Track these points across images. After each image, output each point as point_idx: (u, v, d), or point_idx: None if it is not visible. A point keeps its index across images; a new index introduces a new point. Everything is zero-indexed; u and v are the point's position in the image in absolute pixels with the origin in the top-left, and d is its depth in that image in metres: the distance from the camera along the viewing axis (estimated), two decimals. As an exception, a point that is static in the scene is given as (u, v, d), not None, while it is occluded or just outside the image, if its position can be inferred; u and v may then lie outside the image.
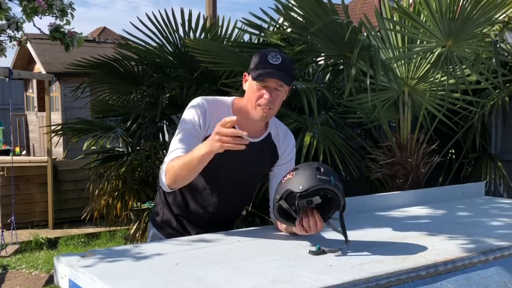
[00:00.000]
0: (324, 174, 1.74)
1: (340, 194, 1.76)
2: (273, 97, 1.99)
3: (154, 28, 4.37)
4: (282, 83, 1.99)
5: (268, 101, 1.98)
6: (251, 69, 2.01)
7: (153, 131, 4.81)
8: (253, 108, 2.01)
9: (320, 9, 3.47)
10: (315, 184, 1.71)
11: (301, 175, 1.75)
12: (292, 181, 1.76)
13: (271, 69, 1.96)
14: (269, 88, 1.98)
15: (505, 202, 2.85)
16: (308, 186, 1.71)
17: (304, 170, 1.77)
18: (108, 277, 1.49)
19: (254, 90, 2.00)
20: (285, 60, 2.00)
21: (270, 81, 1.97)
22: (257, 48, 4.08)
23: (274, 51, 2.03)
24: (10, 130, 11.07)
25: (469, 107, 3.77)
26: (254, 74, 1.98)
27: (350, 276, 1.48)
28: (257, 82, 1.98)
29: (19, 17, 3.71)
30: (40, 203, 7.28)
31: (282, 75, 1.97)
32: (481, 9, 3.35)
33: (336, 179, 1.77)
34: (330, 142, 3.59)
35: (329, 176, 1.75)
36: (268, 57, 1.97)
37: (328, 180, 1.73)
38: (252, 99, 2.01)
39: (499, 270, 1.70)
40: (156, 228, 2.33)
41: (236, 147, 1.71)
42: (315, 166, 1.77)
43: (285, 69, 1.98)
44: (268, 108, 1.99)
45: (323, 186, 1.73)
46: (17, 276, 5.56)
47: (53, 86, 10.46)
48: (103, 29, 13.97)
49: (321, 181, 1.72)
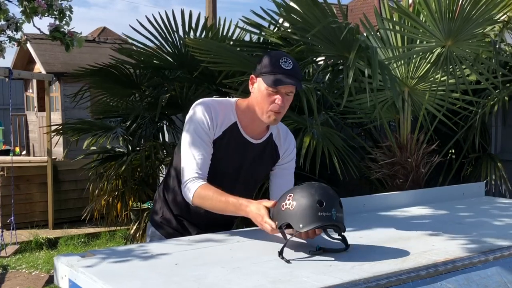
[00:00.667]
0: (326, 209, 1.67)
1: (341, 225, 1.72)
2: (284, 102, 1.99)
3: (154, 30, 4.36)
4: (294, 89, 1.99)
5: (280, 107, 1.98)
6: (263, 73, 1.98)
7: (153, 131, 4.81)
8: (264, 112, 2.01)
9: (318, 10, 3.47)
10: (316, 224, 1.66)
11: (301, 210, 1.68)
12: (292, 215, 1.69)
13: (285, 75, 1.94)
14: (281, 94, 1.97)
15: (505, 202, 2.85)
16: (309, 227, 1.67)
17: (305, 203, 1.68)
18: (108, 277, 1.49)
19: (265, 95, 1.98)
20: (295, 65, 1.99)
21: (283, 87, 1.96)
22: (257, 48, 4.08)
23: (285, 54, 2.02)
24: (10, 130, 11.07)
25: (469, 107, 3.77)
26: (268, 80, 1.95)
27: (350, 276, 1.48)
28: (271, 88, 1.96)
29: (19, 17, 3.71)
30: (40, 203, 7.28)
31: (296, 81, 1.97)
32: (481, 9, 3.34)
33: (337, 209, 1.71)
34: (330, 143, 3.59)
35: (330, 210, 1.68)
36: (281, 61, 1.96)
37: (330, 216, 1.67)
38: (262, 103, 2.00)
39: (499, 270, 1.70)
40: (155, 227, 2.33)
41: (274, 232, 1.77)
42: (317, 198, 1.68)
43: (297, 74, 1.98)
44: (278, 112, 2.00)
45: (324, 225, 1.69)
46: (17, 276, 5.56)
47: (53, 86, 10.45)
48: (103, 29, 13.97)
49: (323, 219, 1.66)
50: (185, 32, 4.44)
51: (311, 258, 1.67)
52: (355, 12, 13.54)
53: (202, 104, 2.07)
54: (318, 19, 3.45)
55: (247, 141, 2.11)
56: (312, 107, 3.52)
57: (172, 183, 2.24)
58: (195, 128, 2.04)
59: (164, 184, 2.34)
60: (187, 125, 2.08)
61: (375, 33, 3.97)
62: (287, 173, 2.21)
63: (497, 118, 4.35)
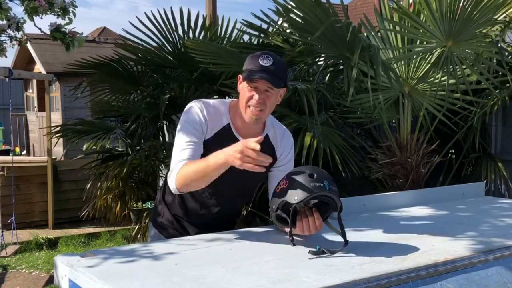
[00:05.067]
0: (318, 180, 1.72)
1: (335, 197, 1.75)
2: (262, 98, 1.96)
3: (154, 28, 4.37)
4: (272, 85, 1.96)
5: (257, 102, 1.95)
6: (243, 71, 1.99)
7: (153, 131, 4.81)
8: (244, 110, 2.00)
9: (319, 10, 3.47)
10: (310, 194, 1.71)
11: (294, 185, 1.74)
12: (286, 191, 1.75)
13: (262, 71, 1.93)
14: (259, 90, 1.96)
15: (505, 202, 2.85)
16: (303, 197, 1.71)
17: (297, 178, 1.75)
18: (108, 277, 1.49)
19: (245, 91, 1.98)
20: (277, 62, 1.96)
21: (259, 82, 1.95)
22: (256, 49, 4.08)
23: (267, 53, 2.00)
24: (10, 130, 11.07)
25: (469, 107, 3.77)
26: (244, 75, 1.97)
27: (350, 276, 1.48)
28: (247, 83, 1.96)
29: (20, 17, 3.72)
30: (40, 203, 7.28)
31: (273, 77, 1.94)
32: (482, 10, 3.34)
33: (330, 182, 1.76)
34: (330, 142, 3.59)
35: (322, 181, 1.73)
36: (260, 58, 1.95)
37: (322, 186, 1.72)
38: (242, 100, 2.00)
39: (499, 270, 1.70)
40: (157, 228, 2.33)
41: (255, 168, 1.69)
42: (308, 172, 1.74)
43: (275, 71, 1.95)
44: (258, 109, 1.97)
45: (318, 194, 1.72)
46: (17, 276, 5.56)
47: (53, 86, 10.45)
48: (103, 29, 13.98)
49: (316, 189, 1.71)
50: (185, 31, 4.44)
51: (311, 258, 1.67)
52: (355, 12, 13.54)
53: (197, 103, 2.08)
54: (320, 19, 3.45)
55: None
56: (312, 107, 3.52)
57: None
58: (186, 125, 2.04)
59: (164, 186, 2.34)
60: (179, 124, 2.08)
61: (375, 33, 3.97)
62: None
63: (497, 118, 4.35)
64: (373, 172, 3.75)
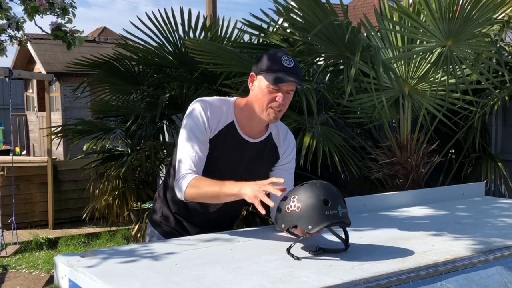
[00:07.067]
0: (332, 208, 1.69)
1: (347, 220, 1.74)
2: (285, 100, 2.00)
3: (154, 27, 4.37)
4: (294, 87, 2.00)
5: (280, 104, 1.99)
6: (264, 71, 1.98)
7: (153, 131, 4.81)
8: (263, 110, 2.01)
9: (319, 9, 3.47)
10: (325, 224, 1.68)
11: (309, 211, 1.70)
12: (299, 217, 1.71)
13: (287, 73, 1.95)
14: (282, 91, 1.98)
15: (505, 202, 2.85)
16: (318, 227, 1.68)
17: (311, 204, 1.70)
18: (108, 277, 1.49)
19: (266, 93, 1.99)
20: (296, 63, 2.01)
21: (284, 85, 1.97)
22: (257, 49, 4.08)
23: (285, 53, 2.03)
24: (10, 130, 11.08)
25: (469, 107, 3.77)
26: (270, 78, 1.96)
27: (350, 276, 1.48)
28: (272, 86, 1.97)
29: (20, 16, 3.72)
30: (40, 203, 7.28)
31: (297, 79, 1.98)
32: (481, 9, 3.35)
33: (342, 206, 1.73)
34: (330, 142, 3.59)
35: (336, 208, 1.70)
36: (282, 59, 1.97)
37: (336, 213, 1.70)
38: (262, 101, 2.00)
39: (499, 270, 1.70)
40: (154, 226, 2.34)
41: (260, 209, 1.74)
42: (322, 198, 1.70)
43: (297, 72, 1.99)
44: (278, 110, 2.01)
45: (332, 222, 1.70)
46: (17, 276, 5.56)
47: (53, 86, 10.45)
48: (103, 29, 13.98)
49: (330, 218, 1.68)
50: (185, 31, 4.45)
51: (311, 258, 1.67)
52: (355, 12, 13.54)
53: (200, 103, 2.07)
54: (320, 18, 3.45)
55: (244, 140, 2.11)
56: (312, 107, 3.51)
57: (172, 183, 2.24)
58: (192, 127, 2.04)
59: (164, 184, 2.34)
60: (184, 123, 2.09)
61: (375, 33, 3.96)
62: (287, 174, 2.20)
63: (497, 118, 4.34)
64: (373, 172, 3.75)
